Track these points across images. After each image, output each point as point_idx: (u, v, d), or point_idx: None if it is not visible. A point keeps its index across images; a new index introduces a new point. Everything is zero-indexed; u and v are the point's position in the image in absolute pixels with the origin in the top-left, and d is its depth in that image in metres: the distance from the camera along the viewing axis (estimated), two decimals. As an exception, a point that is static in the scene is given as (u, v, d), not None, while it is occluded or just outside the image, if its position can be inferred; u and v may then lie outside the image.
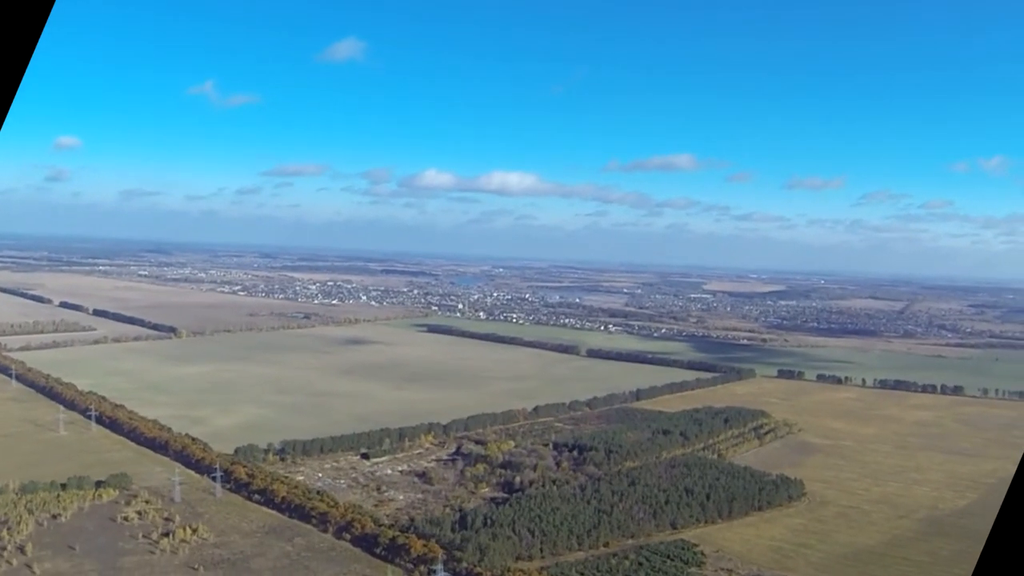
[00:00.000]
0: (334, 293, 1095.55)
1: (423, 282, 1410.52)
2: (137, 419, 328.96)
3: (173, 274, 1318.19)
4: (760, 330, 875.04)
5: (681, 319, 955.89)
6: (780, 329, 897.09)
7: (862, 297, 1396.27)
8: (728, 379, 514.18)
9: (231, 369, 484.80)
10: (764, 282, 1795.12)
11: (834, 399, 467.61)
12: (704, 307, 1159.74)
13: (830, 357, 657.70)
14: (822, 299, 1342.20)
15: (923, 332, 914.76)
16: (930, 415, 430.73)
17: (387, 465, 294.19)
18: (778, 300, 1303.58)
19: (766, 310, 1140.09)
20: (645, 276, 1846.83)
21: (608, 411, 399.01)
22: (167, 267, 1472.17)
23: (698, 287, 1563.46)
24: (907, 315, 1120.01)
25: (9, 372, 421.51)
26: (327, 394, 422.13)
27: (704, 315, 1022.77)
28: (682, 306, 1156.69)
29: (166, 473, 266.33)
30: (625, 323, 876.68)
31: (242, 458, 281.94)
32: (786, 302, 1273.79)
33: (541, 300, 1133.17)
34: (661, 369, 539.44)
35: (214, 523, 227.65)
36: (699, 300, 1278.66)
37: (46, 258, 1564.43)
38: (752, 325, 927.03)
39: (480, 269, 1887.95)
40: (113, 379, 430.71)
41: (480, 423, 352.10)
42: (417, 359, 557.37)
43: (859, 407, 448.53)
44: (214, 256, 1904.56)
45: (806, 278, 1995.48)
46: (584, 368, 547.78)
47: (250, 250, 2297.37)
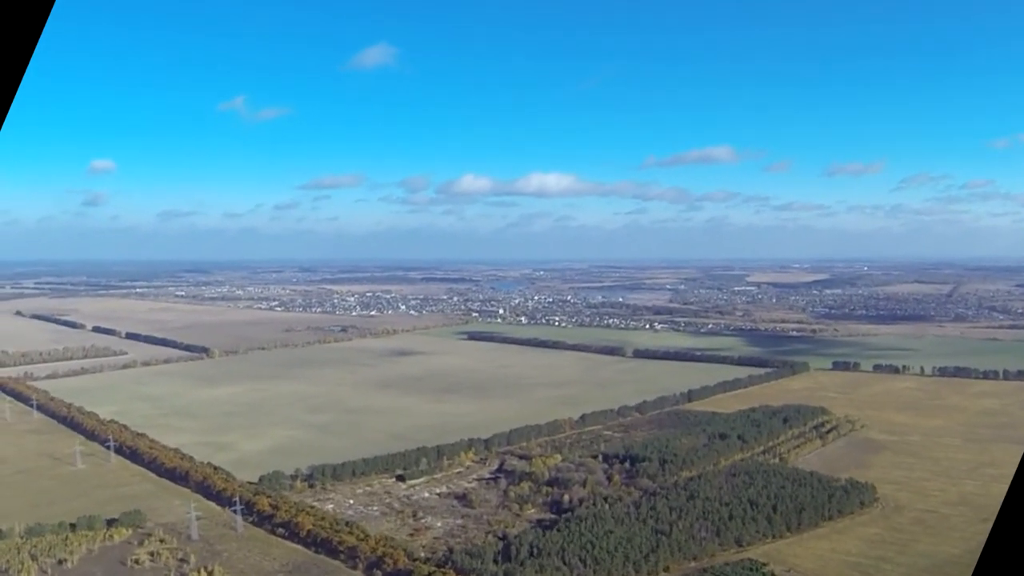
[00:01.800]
0: (373, 304, 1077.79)
1: (463, 289, 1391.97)
2: (158, 448, 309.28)
3: (210, 293, 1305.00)
4: (808, 320, 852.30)
5: (727, 313, 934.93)
6: (828, 319, 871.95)
7: (907, 282, 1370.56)
8: (781, 374, 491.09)
9: (262, 389, 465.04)
10: (807, 271, 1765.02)
11: (894, 390, 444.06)
12: (749, 299, 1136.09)
13: (883, 345, 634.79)
14: (867, 286, 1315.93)
15: (974, 315, 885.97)
16: (996, 403, 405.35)
17: (424, 487, 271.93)
18: (823, 289, 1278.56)
19: (812, 300, 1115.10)
20: (687, 271, 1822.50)
21: (659, 415, 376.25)
22: (205, 286, 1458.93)
23: (741, 280, 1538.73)
24: (955, 298, 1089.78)
25: (31, 402, 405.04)
26: (362, 411, 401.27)
27: (750, 308, 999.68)
28: (727, 300, 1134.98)
29: (185, 507, 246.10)
30: (670, 320, 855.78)
31: (267, 487, 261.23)
32: (831, 291, 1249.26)
33: (583, 301, 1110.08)
34: (711, 367, 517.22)
35: (232, 562, 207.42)
36: (743, 293, 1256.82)
37: (84, 283, 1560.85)
38: (800, 316, 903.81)
39: (520, 273, 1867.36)
40: (138, 405, 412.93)
41: (524, 436, 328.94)
42: (456, 369, 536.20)
43: (921, 397, 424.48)
44: (253, 273, 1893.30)
45: (849, 265, 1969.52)
46: (631, 370, 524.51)
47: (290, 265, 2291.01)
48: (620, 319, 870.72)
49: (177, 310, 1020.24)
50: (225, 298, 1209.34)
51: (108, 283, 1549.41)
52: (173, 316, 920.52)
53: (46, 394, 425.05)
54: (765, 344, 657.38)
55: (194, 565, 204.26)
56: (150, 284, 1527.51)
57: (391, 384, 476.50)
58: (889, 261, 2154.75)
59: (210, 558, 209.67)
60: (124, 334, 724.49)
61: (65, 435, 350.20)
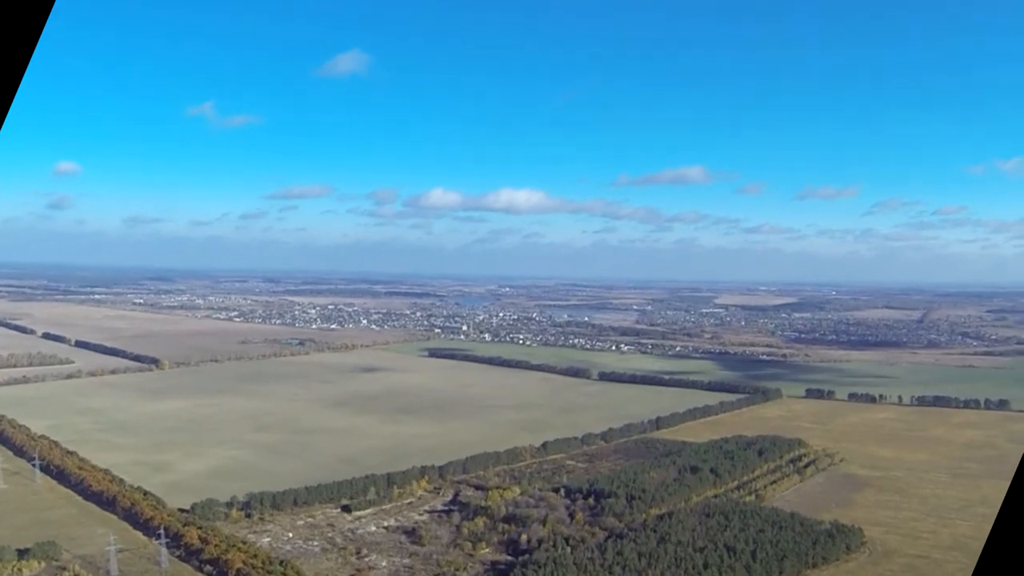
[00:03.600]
0: (334, 317, 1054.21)
1: (427, 304, 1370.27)
2: (87, 469, 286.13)
3: (169, 301, 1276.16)
4: (779, 344, 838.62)
5: (695, 335, 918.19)
6: (798, 343, 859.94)
7: (877, 307, 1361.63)
8: (754, 401, 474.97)
9: (210, 404, 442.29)
10: (775, 294, 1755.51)
11: (872, 421, 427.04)
12: (717, 322, 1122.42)
13: (857, 372, 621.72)
14: (836, 310, 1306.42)
15: (947, 341, 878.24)
16: (981, 435, 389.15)
17: (371, 519, 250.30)
18: (792, 312, 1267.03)
19: (781, 323, 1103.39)
20: (654, 292, 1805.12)
21: (626, 444, 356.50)
22: (165, 294, 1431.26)
23: (709, 301, 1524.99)
24: (927, 324, 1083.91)
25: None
26: (312, 431, 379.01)
27: (718, 330, 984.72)
28: (695, 321, 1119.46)
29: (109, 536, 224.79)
30: (637, 342, 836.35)
31: (199, 516, 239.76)
32: (800, 314, 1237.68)
33: (549, 320, 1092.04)
34: (680, 391, 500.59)
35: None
36: (711, 315, 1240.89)
37: (43, 287, 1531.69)
38: (769, 339, 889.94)
39: (486, 289, 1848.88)
40: (76, 418, 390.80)
41: (481, 463, 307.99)
42: (416, 387, 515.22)
43: (902, 429, 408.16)
44: (216, 282, 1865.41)
45: (816, 289, 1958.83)
46: (596, 393, 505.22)
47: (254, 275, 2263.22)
48: (586, 339, 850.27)
49: (133, 318, 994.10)
50: (184, 307, 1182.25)
51: (68, 288, 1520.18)
52: (127, 324, 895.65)
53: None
54: (735, 368, 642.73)
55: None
56: (110, 291, 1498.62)
57: (346, 402, 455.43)
58: (857, 286, 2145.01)
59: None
60: (74, 342, 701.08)
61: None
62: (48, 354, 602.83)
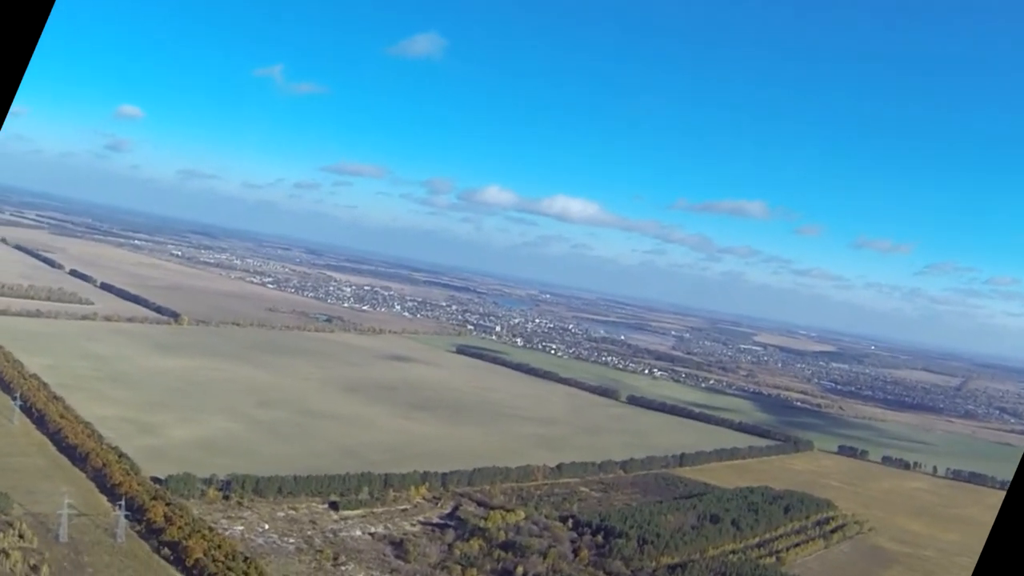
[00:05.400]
0: (368, 298, 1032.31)
1: (465, 299, 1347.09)
2: (69, 418, 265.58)
3: (207, 258, 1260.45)
4: (814, 392, 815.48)
5: (730, 370, 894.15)
6: (835, 394, 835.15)
7: (915, 368, 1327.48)
8: (784, 449, 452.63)
9: (219, 368, 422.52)
10: (814, 340, 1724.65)
11: (905, 490, 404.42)
12: (754, 360, 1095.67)
13: (892, 433, 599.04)
14: (875, 366, 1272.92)
15: (984, 413, 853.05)
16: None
17: (358, 522, 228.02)
18: (830, 362, 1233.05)
19: (818, 371, 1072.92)
20: (694, 320, 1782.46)
21: (646, 477, 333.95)
22: (205, 250, 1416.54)
23: (748, 338, 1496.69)
24: (964, 393, 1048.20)
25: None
26: (318, 414, 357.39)
27: (754, 368, 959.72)
28: (731, 356, 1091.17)
29: (71, 497, 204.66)
30: (671, 368, 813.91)
31: (172, 490, 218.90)
32: (838, 364, 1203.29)
33: (585, 333, 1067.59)
34: (708, 428, 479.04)
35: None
36: (749, 352, 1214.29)
37: (86, 225, 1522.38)
38: (805, 386, 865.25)
39: (527, 292, 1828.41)
40: (76, 362, 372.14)
41: (488, 477, 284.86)
42: (436, 383, 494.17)
43: (935, 503, 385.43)
44: (259, 246, 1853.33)
45: (856, 341, 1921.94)
46: (622, 417, 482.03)
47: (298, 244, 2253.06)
48: (619, 358, 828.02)
49: (166, 268, 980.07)
50: (221, 265, 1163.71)
51: (109, 229, 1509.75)
52: (158, 274, 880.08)
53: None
54: (768, 411, 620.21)
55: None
56: (151, 238, 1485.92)
57: (360, 388, 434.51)
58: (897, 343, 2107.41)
59: (67, 573, 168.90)
60: (99, 283, 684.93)
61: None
62: (69, 292, 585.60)
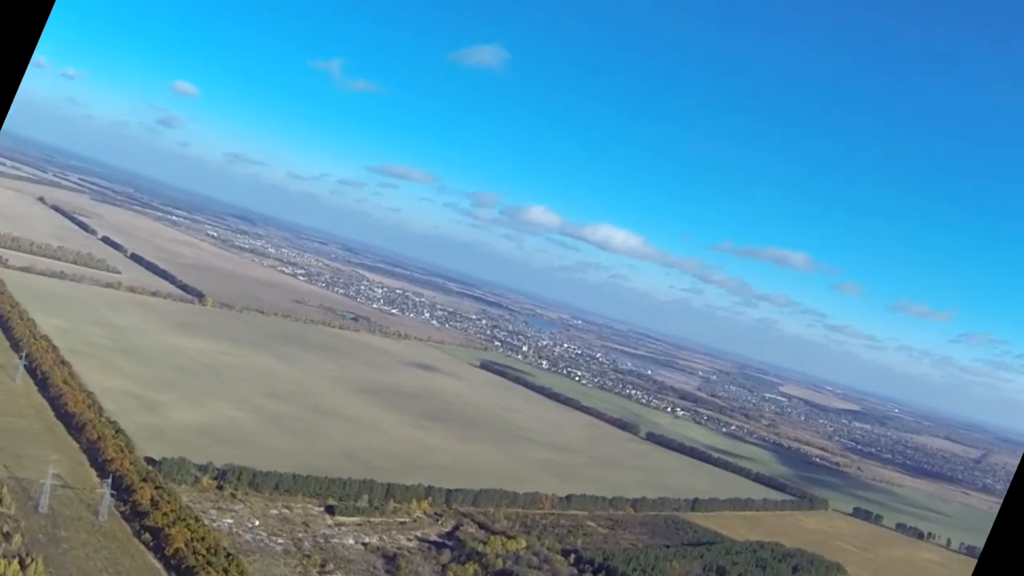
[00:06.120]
0: (398, 302, 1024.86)
1: (496, 314, 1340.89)
2: (72, 385, 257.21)
3: (242, 242, 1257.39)
4: (834, 450, 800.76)
5: (753, 418, 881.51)
6: (854, 453, 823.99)
7: (938, 436, 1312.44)
8: (799, 505, 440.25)
9: (235, 354, 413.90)
10: (839, 397, 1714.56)
11: (917, 560, 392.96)
12: (778, 410, 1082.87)
13: (908, 499, 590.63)
14: (897, 429, 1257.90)
15: (1003, 489, 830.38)
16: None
17: (352, 530, 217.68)
18: (853, 420, 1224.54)
19: (840, 428, 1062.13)
20: (722, 363, 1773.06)
21: (656, 518, 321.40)
22: (241, 235, 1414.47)
23: (774, 387, 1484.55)
24: (984, 466, 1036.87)
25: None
26: (329, 413, 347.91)
27: (777, 419, 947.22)
28: (755, 404, 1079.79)
29: (59, 466, 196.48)
30: (694, 409, 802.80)
31: (165, 473, 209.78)
32: (861, 424, 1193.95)
33: (612, 363, 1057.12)
34: (725, 475, 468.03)
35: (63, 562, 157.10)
36: (774, 401, 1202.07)
37: (127, 195, 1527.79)
38: (826, 442, 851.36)
39: (559, 316, 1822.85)
40: (91, 329, 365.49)
41: (494, 500, 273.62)
42: (454, 395, 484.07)
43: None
44: (296, 237, 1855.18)
45: (880, 403, 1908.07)
46: (639, 453, 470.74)
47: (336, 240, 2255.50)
48: (644, 393, 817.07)
49: (199, 247, 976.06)
50: (255, 252, 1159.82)
51: (149, 202, 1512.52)
52: (190, 252, 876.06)
53: (1, 283, 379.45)
54: (786, 464, 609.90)
55: (14, 549, 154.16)
56: (189, 216, 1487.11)
57: (376, 391, 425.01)
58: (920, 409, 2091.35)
59: (40, 545, 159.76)
60: (130, 254, 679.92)
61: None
62: (98, 258, 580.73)
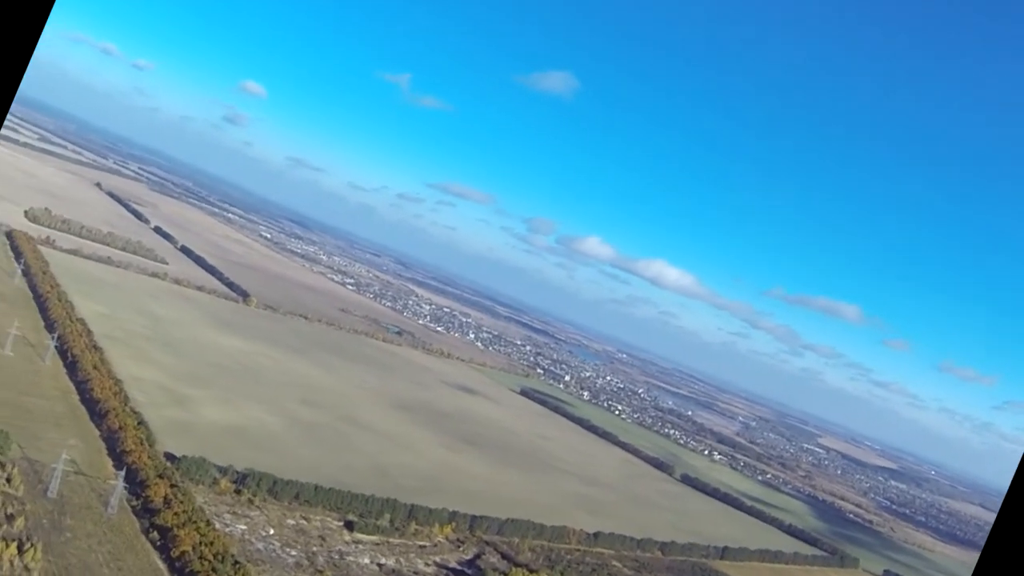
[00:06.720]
0: (444, 320, 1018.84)
1: (541, 341, 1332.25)
2: (101, 371, 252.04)
3: (295, 246, 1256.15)
4: (869, 507, 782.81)
5: (789, 468, 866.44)
6: (889, 513, 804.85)
7: (972, 503, 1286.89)
8: (829, 562, 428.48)
9: (272, 356, 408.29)
10: (877, 454, 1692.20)
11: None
12: (815, 462, 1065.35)
13: (939, 566, 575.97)
14: (932, 492, 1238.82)
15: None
16: None
17: (369, 549, 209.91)
18: (889, 479, 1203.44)
19: (876, 486, 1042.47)
20: (763, 409, 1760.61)
21: (683, 564, 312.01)
22: (295, 239, 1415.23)
23: (813, 438, 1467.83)
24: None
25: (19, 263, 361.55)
26: (360, 425, 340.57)
27: (813, 471, 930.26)
28: (793, 454, 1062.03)
29: (75, 452, 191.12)
30: (731, 454, 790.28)
31: (183, 471, 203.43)
32: (897, 483, 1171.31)
33: (653, 400, 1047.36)
34: (757, 524, 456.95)
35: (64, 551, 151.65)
36: (811, 452, 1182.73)
37: (185, 188, 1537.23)
38: (861, 499, 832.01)
39: (604, 348, 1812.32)
40: (130, 317, 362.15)
41: (520, 530, 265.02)
42: (491, 420, 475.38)
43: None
44: (349, 246, 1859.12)
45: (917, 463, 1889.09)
46: (673, 495, 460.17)
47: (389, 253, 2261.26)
48: (682, 433, 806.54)
49: (250, 247, 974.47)
50: (306, 257, 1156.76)
51: (206, 197, 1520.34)
52: (241, 250, 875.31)
53: (45, 263, 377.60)
54: (819, 517, 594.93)
55: (15, 532, 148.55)
56: (245, 215, 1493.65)
57: (412, 408, 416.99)
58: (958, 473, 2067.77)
59: (43, 531, 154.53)
60: (180, 246, 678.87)
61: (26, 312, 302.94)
62: (147, 247, 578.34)
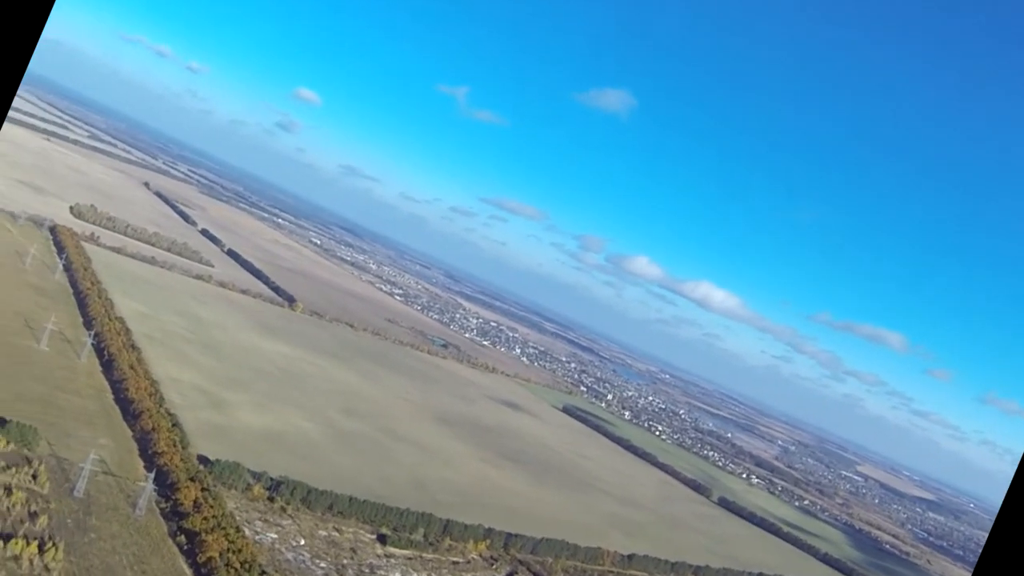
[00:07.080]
0: (491, 334, 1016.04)
1: (586, 359, 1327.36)
2: (138, 370, 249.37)
3: (345, 254, 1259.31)
4: (906, 538, 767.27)
5: (827, 495, 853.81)
6: (926, 545, 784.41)
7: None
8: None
9: (315, 364, 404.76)
10: (916, 484, 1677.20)
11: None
12: (853, 489, 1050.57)
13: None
14: (970, 526, 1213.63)
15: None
16: None
17: (400, 564, 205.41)
18: (927, 510, 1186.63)
19: (914, 516, 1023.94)
20: (802, 434, 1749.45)
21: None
22: (345, 246, 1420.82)
23: (852, 465, 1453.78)
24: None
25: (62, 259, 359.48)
26: (401, 437, 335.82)
27: (851, 499, 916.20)
28: (831, 480, 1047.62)
29: (105, 452, 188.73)
30: (769, 478, 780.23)
31: (216, 476, 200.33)
32: (935, 515, 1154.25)
33: (694, 422, 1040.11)
34: (793, 551, 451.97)
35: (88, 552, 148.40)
36: (850, 480, 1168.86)
37: (235, 192, 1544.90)
38: (898, 529, 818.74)
39: (647, 367, 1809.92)
40: (170, 318, 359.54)
41: (554, 550, 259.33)
42: (531, 436, 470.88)
43: None
44: (400, 256, 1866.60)
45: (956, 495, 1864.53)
46: (709, 518, 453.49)
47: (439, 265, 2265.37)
48: (721, 456, 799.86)
49: (299, 252, 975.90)
50: (355, 265, 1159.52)
51: (257, 202, 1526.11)
52: (289, 255, 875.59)
53: (88, 260, 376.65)
54: (855, 547, 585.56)
55: (37, 531, 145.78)
56: (295, 220, 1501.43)
57: (454, 422, 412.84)
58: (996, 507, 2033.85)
59: (67, 531, 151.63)
60: (227, 249, 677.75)
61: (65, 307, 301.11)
62: (193, 249, 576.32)
